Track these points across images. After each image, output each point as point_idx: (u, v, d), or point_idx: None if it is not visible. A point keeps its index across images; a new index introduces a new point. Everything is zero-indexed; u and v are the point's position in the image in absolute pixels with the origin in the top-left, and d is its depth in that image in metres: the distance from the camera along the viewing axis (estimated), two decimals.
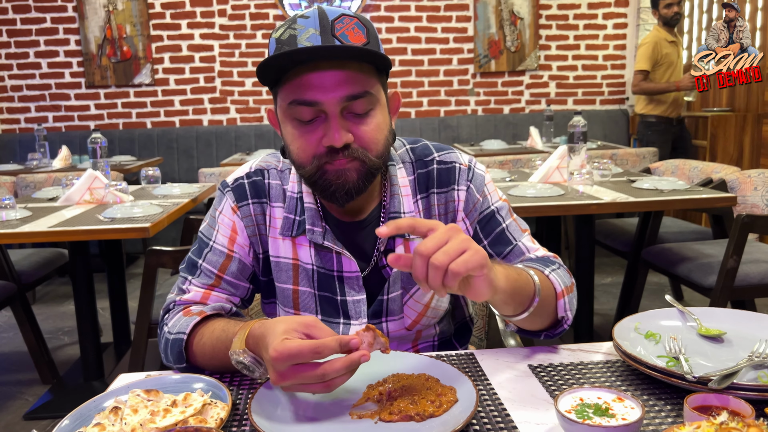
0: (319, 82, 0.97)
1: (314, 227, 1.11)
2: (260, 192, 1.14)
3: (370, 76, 1.01)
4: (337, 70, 0.97)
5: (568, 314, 1.08)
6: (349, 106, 0.99)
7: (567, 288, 1.08)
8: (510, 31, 5.45)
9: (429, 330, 1.21)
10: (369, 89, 1.00)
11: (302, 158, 1.02)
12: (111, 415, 0.85)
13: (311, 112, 0.99)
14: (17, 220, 2.36)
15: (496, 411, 0.87)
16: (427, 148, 1.18)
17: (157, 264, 2.15)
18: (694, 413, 0.74)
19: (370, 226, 1.13)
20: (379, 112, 1.03)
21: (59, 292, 4.35)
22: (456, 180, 1.15)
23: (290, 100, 1.00)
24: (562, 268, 1.12)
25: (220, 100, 5.45)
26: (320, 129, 1.00)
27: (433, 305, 1.17)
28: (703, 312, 1.11)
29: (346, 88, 0.98)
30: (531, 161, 3.29)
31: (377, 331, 0.85)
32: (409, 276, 1.14)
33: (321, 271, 1.13)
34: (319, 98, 0.97)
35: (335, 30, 0.98)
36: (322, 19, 0.98)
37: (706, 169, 3.06)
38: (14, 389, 2.85)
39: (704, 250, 2.65)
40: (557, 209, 2.39)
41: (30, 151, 4.63)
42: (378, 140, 1.03)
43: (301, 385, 0.83)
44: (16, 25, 5.26)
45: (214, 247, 1.14)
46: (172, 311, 1.12)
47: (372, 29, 1.02)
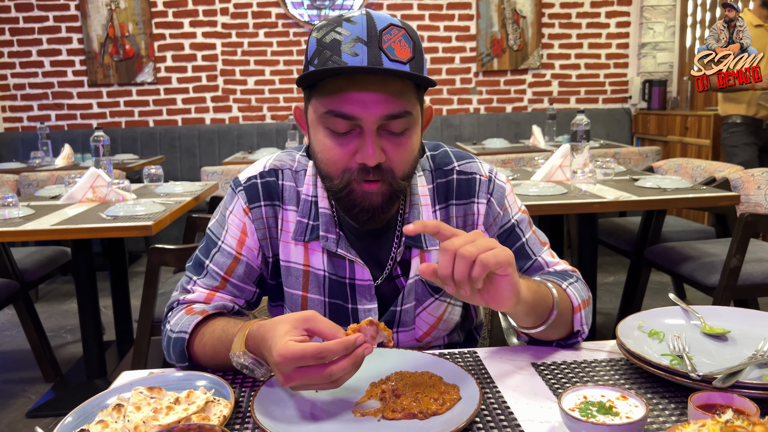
0: (360, 97, 0.94)
1: (328, 233, 1.09)
2: (273, 194, 1.11)
3: (411, 94, 0.99)
4: (379, 87, 0.94)
5: (584, 328, 1.08)
6: (387, 125, 0.97)
7: (584, 302, 1.07)
8: (512, 29, 5.44)
9: (438, 341, 1.19)
10: (409, 109, 0.98)
11: (331, 171, 1.00)
12: (114, 412, 0.85)
13: (347, 125, 0.97)
14: (20, 218, 2.36)
15: (500, 409, 0.87)
16: (447, 156, 1.16)
17: (160, 262, 2.15)
18: (699, 411, 0.74)
19: (386, 235, 1.11)
20: (414, 133, 1.01)
21: (62, 290, 4.36)
22: (476, 192, 1.13)
23: (327, 109, 0.97)
24: (579, 282, 1.11)
25: (222, 99, 5.45)
26: (354, 143, 0.98)
27: (445, 318, 1.16)
28: (706, 310, 1.10)
29: (387, 107, 0.95)
30: (533, 160, 3.28)
31: (380, 324, 0.85)
32: (423, 288, 1.12)
33: (333, 278, 1.11)
34: (358, 113, 0.95)
35: (382, 42, 0.94)
36: (370, 28, 0.94)
37: (709, 167, 3.05)
38: (17, 387, 2.86)
39: (707, 249, 2.64)
40: (560, 208, 2.38)
41: (33, 149, 4.63)
42: (408, 162, 1.01)
43: (309, 385, 0.82)
44: (19, 23, 5.26)
45: (222, 248, 1.12)
46: (175, 309, 1.12)
47: (418, 42, 0.99)
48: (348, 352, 0.81)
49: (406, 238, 1.10)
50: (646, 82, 5.44)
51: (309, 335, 0.84)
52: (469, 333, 1.30)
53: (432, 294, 1.13)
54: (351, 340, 0.81)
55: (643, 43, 5.50)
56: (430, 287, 1.13)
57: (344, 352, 0.80)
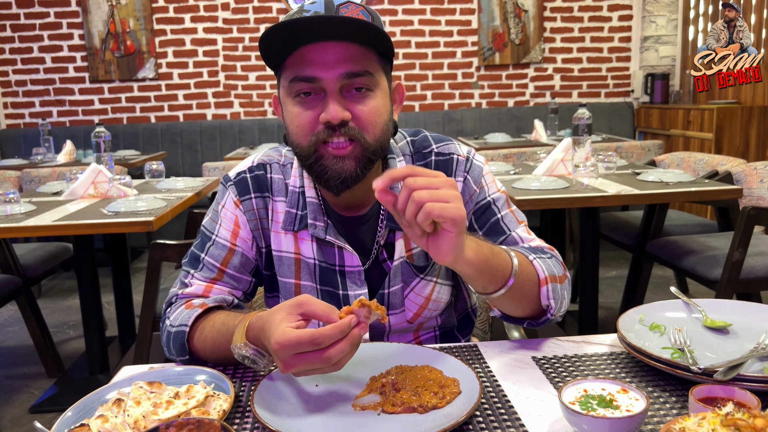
0: (320, 58, 0.97)
1: (316, 221, 1.11)
2: (263, 186, 1.14)
3: (372, 59, 1.01)
4: (337, 46, 0.97)
5: (551, 302, 1.05)
6: (348, 84, 0.99)
7: (553, 276, 1.05)
8: (514, 23, 5.43)
9: (430, 321, 1.20)
10: (369, 69, 1.00)
11: (300, 136, 1.02)
12: (114, 406, 0.85)
13: (310, 87, 0.99)
14: (22, 214, 2.36)
15: (500, 403, 0.87)
16: (426, 139, 1.18)
17: (161, 258, 2.15)
18: (700, 404, 0.74)
19: (370, 221, 1.13)
20: (379, 95, 1.02)
21: (64, 286, 4.37)
22: (453, 171, 1.14)
23: (291, 77, 1.00)
24: (553, 259, 1.10)
25: (223, 95, 5.44)
26: (319, 106, 1.00)
27: (434, 298, 1.17)
28: (708, 304, 1.10)
29: (346, 65, 0.98)
30: (535, 154, 3.28)
31: (371, 304, 0.84)
32: (408, 269, 1.13)
33: (323, 265, 1.13)
34: (319, 74, 0.98)
35: (339, 12, 0.98)
36: (328, 3, 0.99)
37: (711, 161, 3.04)
38: (20, 383, 2.87)
39: (710, 243, 2.64)
40: (562, 202, 2.38)
41: (34, 145, 4.64)
42: (376, 123, 1.02)
43: (310, 370, 0.83)
44: (20, 19, 5.26)
45: (217, 241, 1.14)
46: (174, 304, 1.12)
47: (377, 18, 1.02)
48: (344, 335, 0.81)
49: (389, 221, 1.11)
50: (648, 76, 5.41)
51: (305, 319, 0.85)
52: (466, 316, 1.29)
53: (417, 274, 1.15)
54: (345, 323, 0.81)
55: (646, 36, 5.47)
56: (416, 267, 1.14)
57: (340, 336, 0.80)
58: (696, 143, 4.64)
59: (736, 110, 4.42)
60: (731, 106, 4.49)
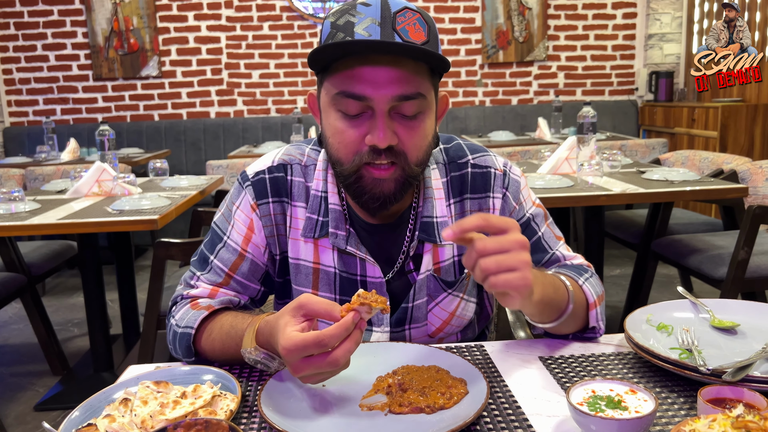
0: (371, 76, 0.93)
1: (338, 230, 1.07)
2: (281, 190, 1.09)
3: (424, 77, 0.97)
4: (391, 66, 0.92)
5: (600, 324, 1.06)
6: (399, 107, 0.95)
7: (599, 298, 1.07)
8: (518, 21, 5.41)
9: (451, 337, 1.17)
10: (422, 91, 0.95)
11: (342, 155, 0.98)
12: (121, 406, 0.85)
13: (358, 106, 0.95)
14: (26, 212, 2.37)
15: (507, 403, 0.87)
16: (461, 148, 1.15)
17: (166, 256, 2.15)
18: (708, 406, 0.73)
19: (399, 229, 1.09)
20: (428, 117, 0.99)
21: (69, 284, 4.37)
22: (491, 187, 1.12)
23: (338, 90, 0.95)
24: (594, 277, 1.10)
25: (227, 92, 5.44)
26: (365, 126, 0.96)
27: (458, 314, 1.14)
28: (715, 304, 1.09)
29: (399, 87, 0.93)
30: (539, 152, 3.27)
31: (370, 300, 0.83)
32: (436, 283, 1.11)
33: (344, 275, 1.09)
34: (369, 93, 0.93)
35: (396, 23, 0.93)
36: (384, 9, 0.93)
37: (716, 159, 3.03)
38: (25, 380, 2.88)
39: (715, 242, 2.63)
40: (566, 200, 2.37)
41: (38, 143, 4.64)
42: (421, 147, 0.99)
43: (318, 374, 0.82)
44: (24, 17, 5.26)
45: (228, 244, 1.10)
46: (179, 304, 1.11)
47: (433, 27, 0.97)
48: (348, 332, 0.80)
49: (421, 233, 1.08)
50: (652, 74, 5.40)
51: (308, 319, 0.84)
52: (482, 330, 1.28)
53: (445, 289, 1.11)
54: (349, 321, 0.80)
55: (650, 34, 5.45)
56: (443, 282, 1.11)
57: (344, 335, 0.80)
58: (701, 141, 4.63)
59: (740, 108, 4.41)
60: (736, 104, 4.48)
